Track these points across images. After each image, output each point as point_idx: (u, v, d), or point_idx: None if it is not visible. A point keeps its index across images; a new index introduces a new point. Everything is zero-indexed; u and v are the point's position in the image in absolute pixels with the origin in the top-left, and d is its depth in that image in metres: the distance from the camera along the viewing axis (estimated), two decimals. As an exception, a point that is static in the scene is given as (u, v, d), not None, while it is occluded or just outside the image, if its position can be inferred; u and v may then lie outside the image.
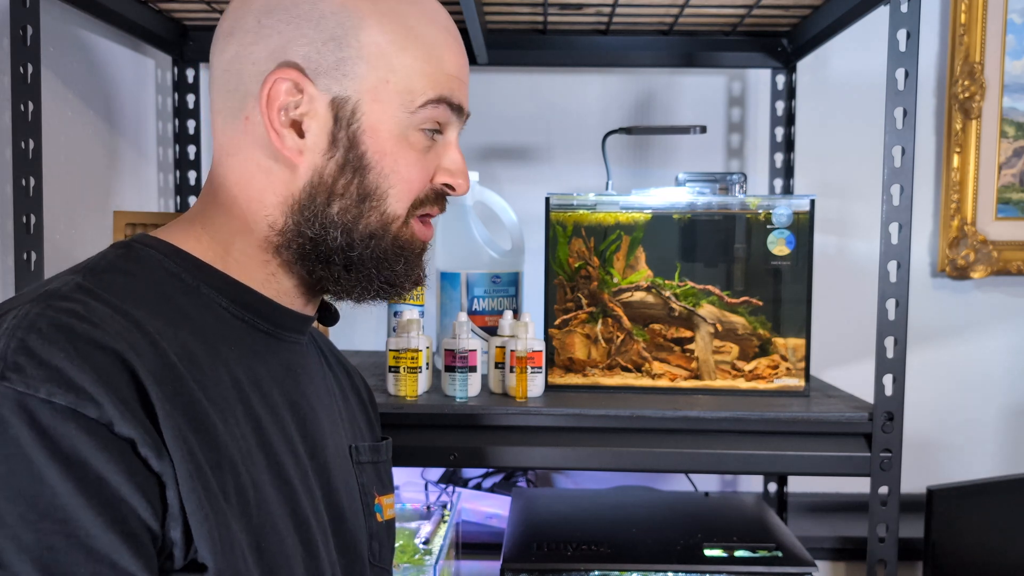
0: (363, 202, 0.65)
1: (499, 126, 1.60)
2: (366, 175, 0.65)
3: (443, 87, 0.66)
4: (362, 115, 0.64)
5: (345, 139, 0.64)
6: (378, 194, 0.65)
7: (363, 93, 0.64)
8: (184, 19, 1.43)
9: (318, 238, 0.65)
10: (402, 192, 0.66)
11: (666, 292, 1.17)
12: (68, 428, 0.50)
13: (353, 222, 0.65)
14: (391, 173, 0.65)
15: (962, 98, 1.56)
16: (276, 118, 0.63)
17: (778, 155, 1.54)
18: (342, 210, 0.65)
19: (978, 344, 1.61)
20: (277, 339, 0.68)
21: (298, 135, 0.64)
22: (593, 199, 1.17)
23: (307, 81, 0.63)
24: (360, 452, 0.77)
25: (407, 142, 0.66)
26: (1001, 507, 1.35)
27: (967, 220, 1.58)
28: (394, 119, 0.65)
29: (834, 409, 1.09)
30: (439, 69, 0.66)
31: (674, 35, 1.46)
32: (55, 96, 1.21)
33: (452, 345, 1.12)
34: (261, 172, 0.65)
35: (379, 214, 0.66)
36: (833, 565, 1.55)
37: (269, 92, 0.62)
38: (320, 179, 0.64)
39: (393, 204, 0.66)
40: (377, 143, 0.64)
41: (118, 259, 0.62)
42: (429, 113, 0.66)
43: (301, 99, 0.63)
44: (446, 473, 1.54)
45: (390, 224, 0.66)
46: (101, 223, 1.31)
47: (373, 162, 0.65)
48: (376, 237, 0.66)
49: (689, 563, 1.10)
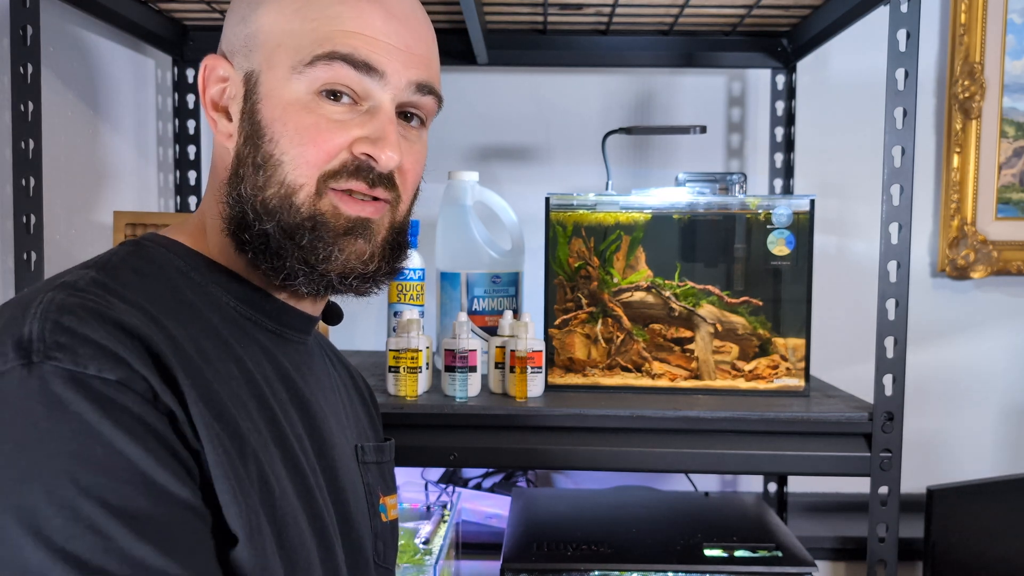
0: (258, 172, 0.63)
1: (499, 126, 1.60)
2: (260, 144, 0.63)
3: (337, 43, 0.62)
4: (260, 84, 0.63)
5: (248, 111, 0.64)
6: (272, 162, 0.62)
7: (261, 63, 0.63)
8: (184, 19, 1.43)
9: (238, 218, 0.64)
10: (297, 159, 0.62)
11: (666, 292, 1.17)
12: (124, 399, 0.51)
13: (255, 195, 0.63)
14: (282, 137, 0.62)
15: (962, 98, 1.56)
16: (210, 106, 0.65)
17: (778, 155, 1.54)
18: (249, 185, 0.63)
19: (978, 344, 1.61)
20: (284, 339, 0.68)
21: (227, 119, 0.65)
22: (593, 199, 1.17)
23: (226, 64, 0.65)
24: (365, 452, 0.77)
25: (302, 105, 0.62)
26: (1001, 507, 1.35)
27: (967, 220, 1.58)
28: (285, 83, 0.62)
29: (834, 409, 1.09)
30: (333, 25, 0.62)
31: (674, 35, 1.46)
32: (55, 96, 1.21)
33: (452, 345, 1.12)
34: (220, 162, 0.67)
35: (277, 184, 0.62)
36: (833, 565, 1.55)
37: (203, 81, 0.65)
38: (238, 158, 0.64)
39: (291, 172, 0.62)
40: (270, 110, 0.62)
41: (129, 256, 0.63)
42: (322, 73, 0.61)
43: (228, 85, 0.65)
44: (446, 473, 1.54)
45: (292, 195, 0.62)
46: (101, 223, 1.31)
47: (265, 128, 0.63)
48: (281, 210, 0.62)
49: (689, 563, 1.10)
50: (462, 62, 1.43)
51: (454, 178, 1.32)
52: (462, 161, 1.57)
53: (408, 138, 0.67)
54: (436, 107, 0.69)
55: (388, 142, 0.63)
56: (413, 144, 0.68)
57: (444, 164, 1.50)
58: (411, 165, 0.67)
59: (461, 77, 1.56)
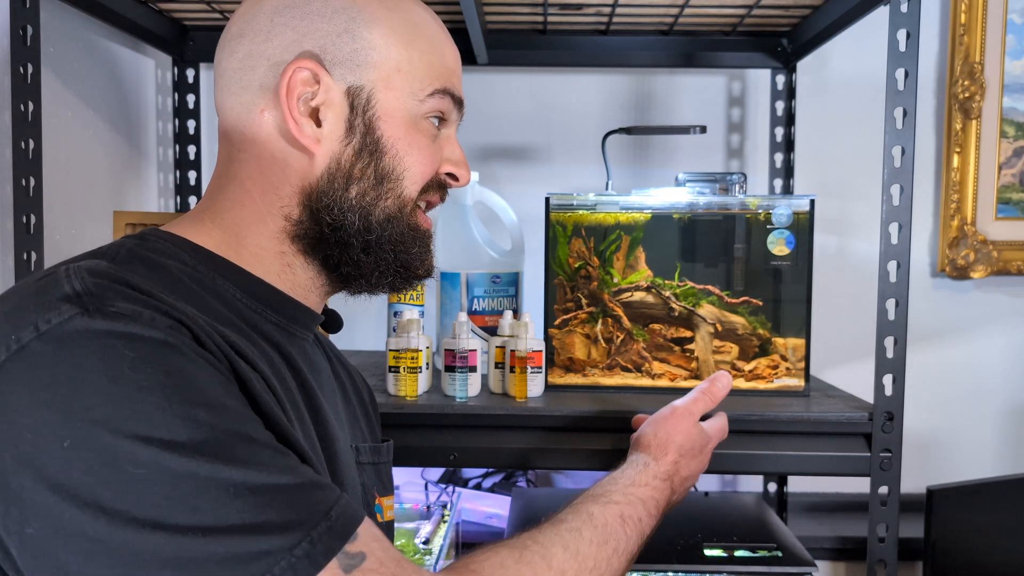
0: (380, 184, 0.68)
1: (499, 126, 1.60)
2: (382, 158, 0.67)
3: (446, 79, 0.70)
4: (376, 102, 0.67)
5: (361, 125, 0.66)
6: (394, 176, 0.68)
7: (376, 82, 0.67)
8: (184, 19, 1.43)
9: (336, 223, 0.67)
10: (415, 175, 0.69)
11: (666, 292, 1.17)
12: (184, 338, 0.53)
13: (371, 205, 0.67)
14: (405, 155, 0.68)
15: (962, 98, 1.56)
16: (295, 107, 0.65)
17: (778, 155, 1.54)
18: (360, 193, 0.67)
19: (978, 344, 1.61)
20: (290, 334, 0.69)
21: (316, 124, 0.66)
22: (593, 199, 1.17)
23: (323, 71, 0.65)
24: (361, 452, 0.77)
25: (417, 129, 0.69)
26: (1001, 507, 1.35)
27: (967, 220, 1.58)
28: (405, 106, 0.68)
29: (834, 409, 1.09)
30: (441, 62, 0.70)
31: (674, 35, 1.46)
32: (55, 96, 1.21)
33: (452, 345, 1.12)
34: (276, 164, 0.66)
35: (395, 196, 0.68)
36: (833, 565, 1.55)
37: (289, 82, 0.64)
38: (338, 165, 0.66)
39: (408, 187, 0.69)
40: (391, 128, 0.67)
41: (137, 248, 0.63)
42: (435, 103, 0.69)
43: (318, 89, 0.65)
44: (446, 473, 1.54)
45: (405, 207, 0.69)
46: (101, 223, 1.31)
47: (388, 146, 0.67)
48: (393, 219, 0.68)
49: (689, 563, 1.10)
50: (462, 62, 1.43)
51: (454, 178, 1.32)
52: (462, 161, 1.57)
53: None
54: None
55: (465, 164, 0.74)
56: None
57: (444, 164, 1.49)
58: None
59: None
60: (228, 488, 0.49)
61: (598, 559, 0.68)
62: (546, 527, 0.69)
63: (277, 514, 0.49)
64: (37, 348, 0.50)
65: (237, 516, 0.48)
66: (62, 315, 0.51)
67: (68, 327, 0.50)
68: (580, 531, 0.69)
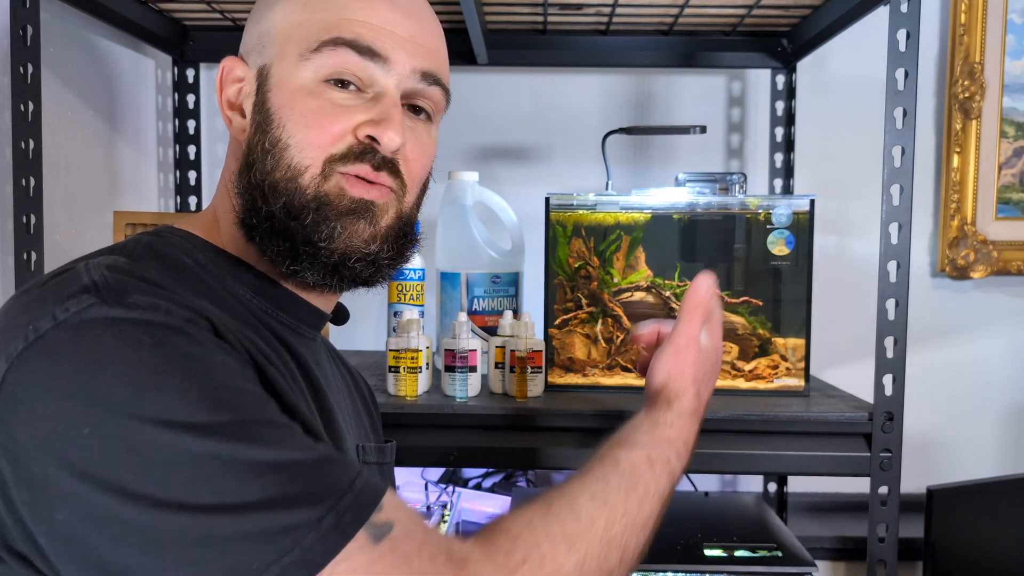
0: (267, 156, 0.64)
1: (499, 126, 1.60)
2: (269, 129, 0.65)
3: (343, 30, 0.64)
4: (270, 76, 0.66)
5: (260, 103, 0.66)
6: (280, 145, 0.64)
7: (273, 56, 0.66)
8: (184, 19, 1.43)
9: (248, 205, 0.66)
10: (303, 141, 0.63)
11: (666, 292, 1.17)
12: (201, 328, 0.54)
13: (264, 179, 0.64)
14: (288, 121, 0.64)
15: (962, 98, 1.56)
16: (225, 105, 0.68)
17: (778, 155, 1.54)
18: (258, 171, 0.65)
19: (978, 344, 1.61)
20: (298, 333, 0.69)
21: (241, 116, 0.68)
22: (593, 199, 1.17)
23: (242, 64, 0.68)
24: (367, 452, 0.77)
25: (308, 91, 0.64)
26: (1001, 507, 1.35)
27: (967, 220, 1.58)
28: (293, 71, 0.64)
29: (834, 409, 1.09)
30: (340, 15, 0.64)
31: (674, 35, 1.46)
32: (55, 96, 1.21)
33: (452, 345, 1.12)
34: (233, 160, 0.69)
35: (285, 167, 0.64)
36: (833, 565, 1.55)
37: (220, 81, 0.68)
38: (248, 148, 0.66)
39: (296, 154, 0.63)
40: (279, 97, 0.65)
41: (153, 244, 0.63)
42: (328, 59, 0.63)
43: (244, 84, 0.67)
44: (446, 473, 1.54)
45: (298, 176, 0.63)
46: (101, 223, 1.31)
47: (274, 115, 0.65)
48: (287, 192, 0.63)
49: (689, 563, 1.10)
50: (462, 62, 1.43)
51: (454, 178, 1.32)
52: (462, 161, 1.57)
53: (415, 129, 0.68)
54: (444, 101, 0.70)
55: (391, 123, 0.64)
56: (420, 136, 0.69)
57: (444, 164, 1.49)
58: (416, 156, 0.68)
59: (461, 77, 1.56)
60: (251, 466, 0.49)
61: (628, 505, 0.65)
62: (574, 479, 0.66)
63: (301, 488, 0.49)
64: (55, 336, 0.50)
65: (261, 492, 0.48)
66: (80, 304, 0.51)
67: (86, 315, 0.50)
68: (607, 479, 0.66)
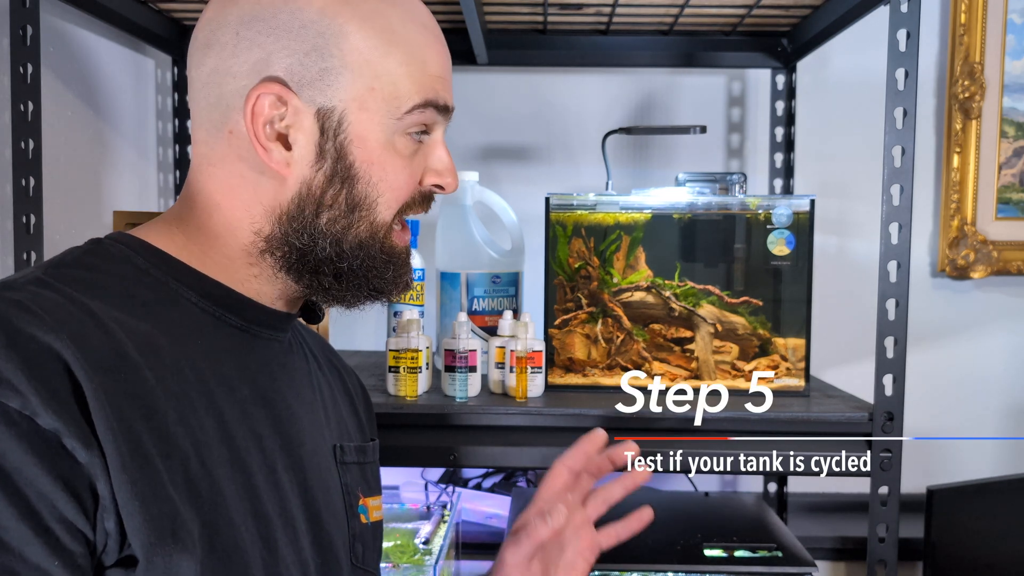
0: (352, 212, 0.65)
1: (499, 126, 1.60)
2: (355, 185, 0.64)
3: (428, 90, 0.65)
4: (349, 125, 0.63)
5: (333, 150, 0.63)
6: (367, 203, 0.65)
7: (348, 102, 0.63)
8: (184, 19, 1.43)
9: (306, 248, 0.65)
10: (391, 200, 0.66)
11: (666, 292, 1.17)
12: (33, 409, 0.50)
13: (342, 233, 0.65)
14: (379, 182, 0.65)
15: (962, 98, 1.56)
16: (262, 132, 0.62)
17: (778, 155, 1.54)
18: (331, 220, 0.64)
19: (978, 344, 1.61)
20: (251, 335, 0.67)
21: (285, 147, 0.63)
22: (593, 199, 1.17)
23: (291, 94, 0.62)
24: (345, 452, 0.76)
25: (394, 149, 0.65)
26: (1001, 507, 1.35)
27: (967, 220, 1.58)
28: (381, 127, 0.64)
29: (834, 409, 1.09)
30: (423, 71, 0.65)
31: (674, 35, 1.46)
32: (55, 96, 1.20)
33: (452, 345, 1.12)
34: (247, 184, 0.64)
35: (368, 224, 0.65)
36: (833, 565, 1.55)
37: (253, 107, 0.61)
38: (309, 191, 0.64)
39: (382, 212, 0.65)
40: (365, 152, 0.64)
41: (86, 254, 0.62)
42: (416, 118, 0.65)
43: (286, 111, 0.62)
44: (446, 473, 1.54)
45: (378, 233, 0.66)
46: (101, 223, 1.31)
47: (362, 172, 0.64)
48: (365, 247, 0.66)
49: (689, 563, 1.10)
50: (462, 62, 1.43)
51: (454, 178, 1.32)
52: (462, 161, 1.57)
53: None
54: None
55: (452, 171, 0.68)
56: None
57: (444, 164, 1.49)
58: None
59: (461, 77, 1.56)
60: None
61: None
62: None
63: None
64: None
65: None
66: None
67: None
68: None
